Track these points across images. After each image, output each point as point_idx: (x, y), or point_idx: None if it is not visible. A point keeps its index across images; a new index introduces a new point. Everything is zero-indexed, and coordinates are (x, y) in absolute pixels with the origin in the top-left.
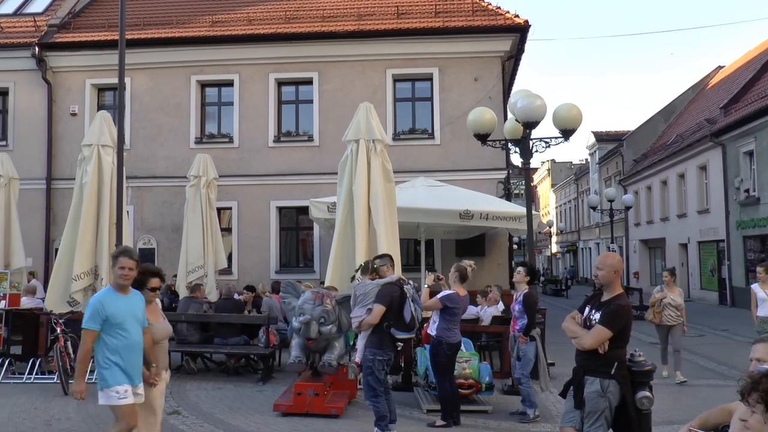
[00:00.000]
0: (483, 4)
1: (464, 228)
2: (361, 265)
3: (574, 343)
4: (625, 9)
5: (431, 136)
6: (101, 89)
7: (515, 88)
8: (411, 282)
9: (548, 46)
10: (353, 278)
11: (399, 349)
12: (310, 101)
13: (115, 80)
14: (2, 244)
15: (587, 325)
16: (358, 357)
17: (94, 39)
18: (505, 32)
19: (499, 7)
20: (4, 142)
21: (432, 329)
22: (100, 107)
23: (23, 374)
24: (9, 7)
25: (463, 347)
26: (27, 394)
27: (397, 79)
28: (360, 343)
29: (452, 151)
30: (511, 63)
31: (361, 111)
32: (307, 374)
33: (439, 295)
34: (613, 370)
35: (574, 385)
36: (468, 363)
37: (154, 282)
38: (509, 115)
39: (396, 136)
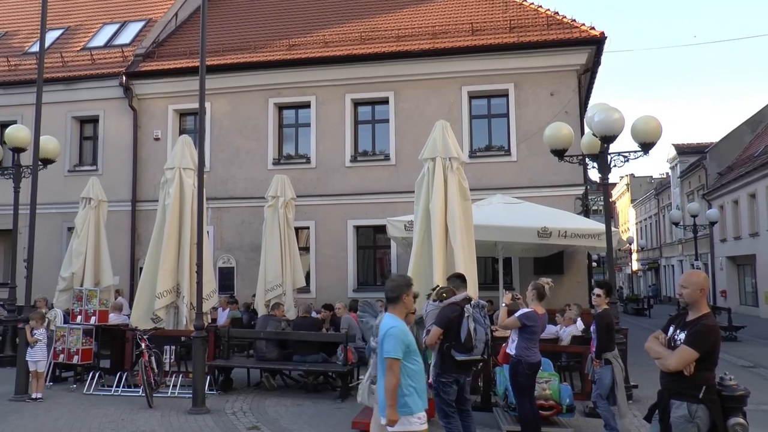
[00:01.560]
0: (558, 17)
1: (542, 246)
2: (432, 289)
3: (658, 365)
4: (702, 15)
5: (507, 152)
6: (183, 114)
7: (592, 101)
8: (481, 301)
9: (626, 57)
10: (429, 296)
11: (476, 369)
12: (386, 120)
13: (196, 105)
14: (92, 263)
15: (671, 345)
16: (430, 377)
17: (176, 67)
18: (581, 45)
19: (575, 20)
20: (94, 167)
21: (511, 348)
22: (181, 131)
23: (111, 387)
24: (100, 40)
25: (542, 367)
26: (115, 406)
27: (472, 96)
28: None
29: (529, 167)
30: (587, 76)
31: (437, 129)
32: None
33: (517, 314)
34: (701, 394)
35: (660, 408)
36: (548, 383)
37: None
38: (586, 130)
39: (472, 154)
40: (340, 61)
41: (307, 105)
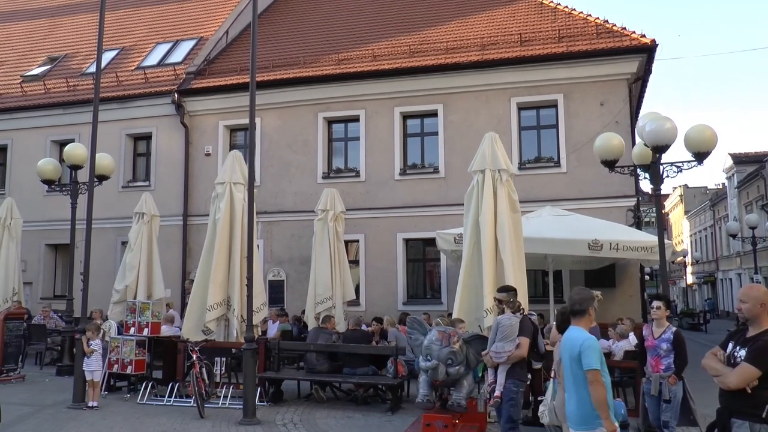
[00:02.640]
0: (607, 26)
1: (593, 258)
2: (498, 302)
3: (718, 382)
4: (758, 20)
5: (557, 164)
6: (233, 130)
7: (643, 111)
8: (534, 313)
9: (677, 65)
10: (502, 310)
11: (528, 382)
12: (435, 133)
13: (246, 121)
14: (145, 276)
15: (731, 362)
16: (498, 390)
17: (226, 83)
18: (632, 53)
19: (625, 28)
20: (147, 183)
21: None
22: (232, 147)
23: (164, 397)
24: (154, 59)
25: None
26: (167, 416)
27: (521, 108)
28: (500, 377)
29: (579, 178)
30: (638, 85)
31: (487, 141)
32: (436, 406)
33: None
34: (764, 413)
35: (719, 427)
36: None
37: None
38: (638, 140)
39: (521, 165)
40: (389, 74)
41: (356, 119)
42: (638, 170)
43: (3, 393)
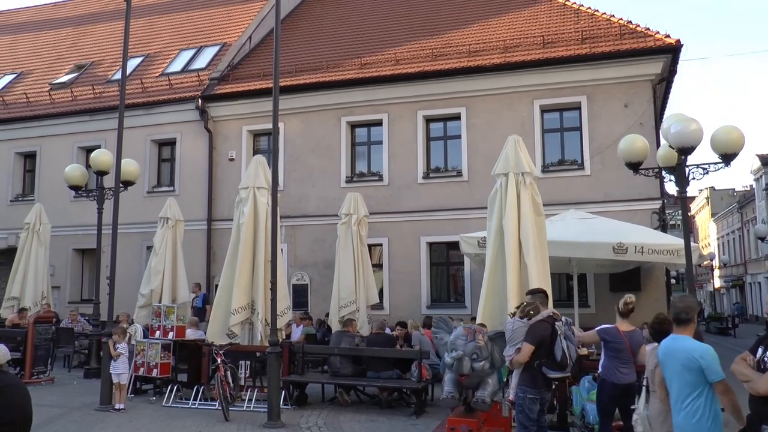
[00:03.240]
0: (631, 26)
1: (618, 262)
2: (518, 306)
3: (747, 388)
4: None
5: (581, 166)
6: (256, 135)
7: (668, 112)
8: (564, 318)
9: (703, 65)
10: (513, 314)
11: (553, 387)
12: (458, 136)
13: (269, 126)
14: (170, 281)
15: (761, 368)
16: (511, 394)
17: (250, 89)
18: (656, 54)
19: (649, 29)
20: (171, 188)
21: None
22: (255, 152)
23: (189, 400)
24: (178, 66)
25: None
26: (192, 418)
27: (544, 110)
28: (513, 381)
29: (603, 181)
30: (662, 86)
31: (510, 144)
32: (461, 410)
33: (596, 328)
34: None
35: None
36: None
37: None
38: (662, 142)
39: (545, 168)
40: (411, 78)
41: (379, 123)
42: (663, 172)
43: (33, 395)
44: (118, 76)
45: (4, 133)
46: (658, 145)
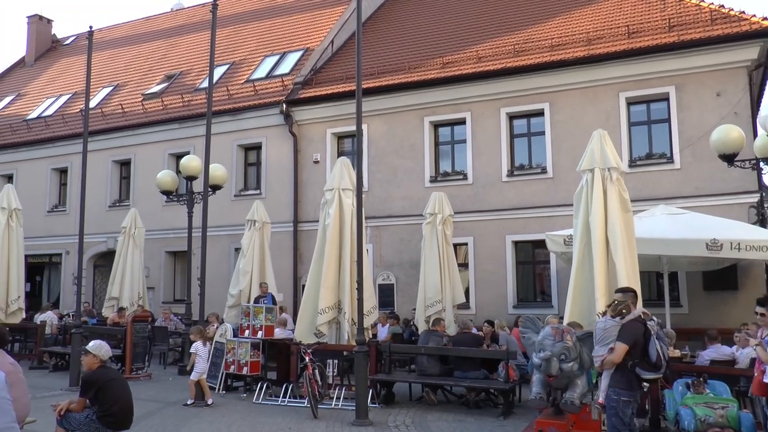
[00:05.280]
0: (723, 11)
1: (712, 259)
2: (608, 305)
3: None
4: None
5: (670, 160)
6: (340, 137)
7: (766, 99)
8: (654, 318)
9: None
10: (603, 313)
11: (645, 390)
12: (542, 133)
13: (353, 128)
14: (258, 281)
15: None
16: (601, 397)
17: (333, 92)
18: (751, 39)
19: (743, 12)
20: (258, 191)
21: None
22: (339, 154)
23: (278, 397)
24: (262, 72)
25: (716, 392)
26: (282, 416)
27: (630, 102)
28: (603, 383)
29: (694, 175)
30: (759, 72)
31: (595, 139)
32: (549, 411)
33: None
34: None
35: None
36: (725, 410)
37: None
38: (760, 131)
39: (632, 163)
40: (494, 75)
41: (462, 121)
42: (761, 164)
43: (133, 389)
44: (206, 84)
45: (102, 143)
46: (755, 135)
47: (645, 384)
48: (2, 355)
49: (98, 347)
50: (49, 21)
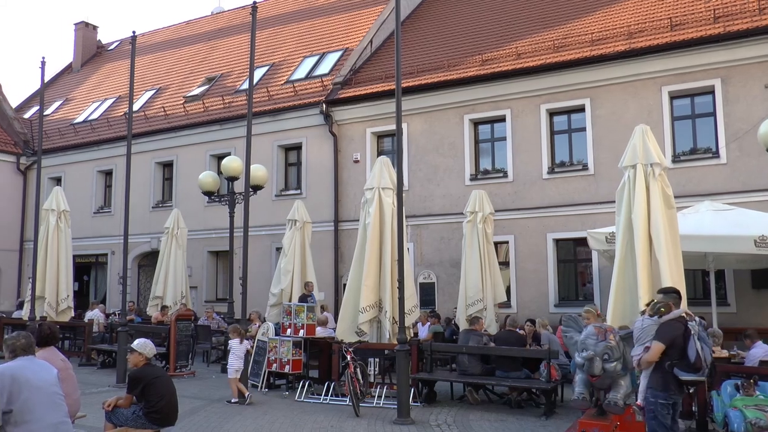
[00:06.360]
0: None
1: (761, 257)
2: (647, 304)
3: None
4: None
5: (715, 154)
6: (380, 136)
7: None
8: (698, 318)
9: None
10: (643, 312)
11: (690, 392)
12: (583, 129)
13: (393, 127)
14: (299, 280)
15: None
16: (639, 398)
17: (372, 91)
18: None
19: None
20: (299, 191)
21: None
22: (379, 153)
23: (320, 395)
24: (302, 73)
25: (761, 393)
26: (324, 414)
27: (673, 96)
28: (642, 383)
29: (741, 169)
30: None
31: (637, 134)
32: (592, 412)
33: None
34: None
35: None
36: None
37: None
38: None
39: (675, 158)
40: (533, 71)
41: (502, 119)
42: None
43: (177, 387)
44: (246, 86)
45: (146, 145)
46: None
47: (691, 387)
48: (54, 352)
49: (143, 345)
50: (95, 27)
